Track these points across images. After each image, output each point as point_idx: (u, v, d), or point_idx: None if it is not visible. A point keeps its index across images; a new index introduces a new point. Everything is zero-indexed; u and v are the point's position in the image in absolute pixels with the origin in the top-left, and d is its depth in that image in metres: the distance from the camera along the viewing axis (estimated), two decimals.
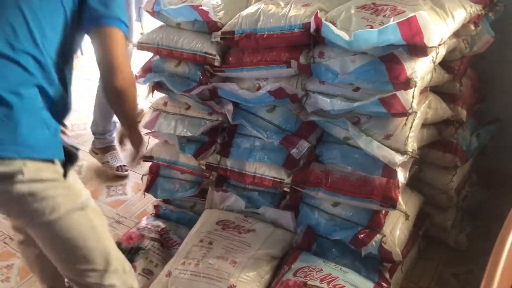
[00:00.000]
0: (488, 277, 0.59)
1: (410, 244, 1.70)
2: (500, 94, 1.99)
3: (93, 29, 1.21)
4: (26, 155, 1.09)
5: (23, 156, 1.08)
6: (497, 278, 0.59)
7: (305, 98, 1.55)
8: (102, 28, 1.20)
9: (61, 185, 1.17)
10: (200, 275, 1.54)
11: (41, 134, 1.13)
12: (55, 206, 1.15)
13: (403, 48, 1.34)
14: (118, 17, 1.22)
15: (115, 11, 1.22)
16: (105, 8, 1.20)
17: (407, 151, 1.43)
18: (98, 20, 1.20)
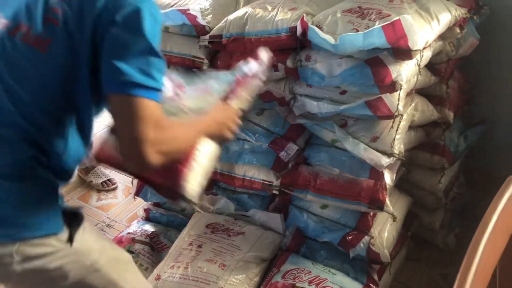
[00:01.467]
0: (461, 277, 0.60)
1: (398, 245, 1.71)
2: (486, 96, 2.01)
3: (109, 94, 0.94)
4: (14, 237, 0.95)
5: (15, 238, 0.95)
6: (470, 279, 0.60)
7: (292, 101, 1.56)
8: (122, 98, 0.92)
9: (66, 253, 1.01)
10: (189, 278, 1.54)
11: (35, 210, 0.97)
12: (62, 274, 1.01)
13: (388, 51, 1.36)
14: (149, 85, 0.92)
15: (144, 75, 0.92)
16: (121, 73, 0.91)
17: (394, 153, 1.45)
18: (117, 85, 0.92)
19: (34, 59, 0.98)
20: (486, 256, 0.68)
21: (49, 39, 0.97)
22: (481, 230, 0.69)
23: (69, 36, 0.97)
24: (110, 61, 0.92)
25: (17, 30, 0.99)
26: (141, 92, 0.91)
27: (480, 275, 0.66)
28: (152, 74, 0.93)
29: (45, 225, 0.98)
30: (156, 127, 0.91)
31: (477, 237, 0.67)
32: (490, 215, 0.73)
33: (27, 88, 0.98)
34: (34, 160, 0.98)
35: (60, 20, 0.97)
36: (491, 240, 0.72)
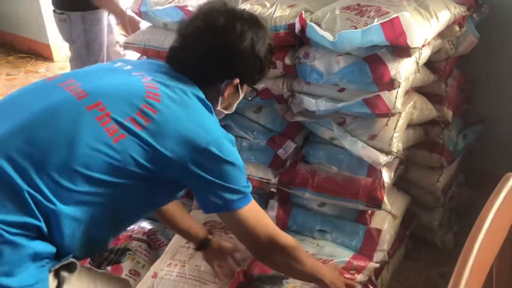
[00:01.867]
0: (456, 276, 0.60)
1: (397, 244, 1.71)
2: (486, 94, 2.00)
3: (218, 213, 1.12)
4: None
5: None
6: (466, 276, 0.60)
7: (291, 98, 1.55)
8: (228, 215, 1.10)
9: None
10: (186, 277, 1.53)
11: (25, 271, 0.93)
12: None
13: (386, 49, 1.35)
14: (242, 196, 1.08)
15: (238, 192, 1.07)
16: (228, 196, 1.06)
17: (392, 151, 1.44)
18: (220, 207, 1.08)
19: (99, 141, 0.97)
20: (482, 252, 0.67)
21: (124, 135, 0.98)
22: (478, 227, 0.68)
23: (142, 146, 0.99)
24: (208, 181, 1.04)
25: (94, 107, 0.99)
26: (240, 205, 1.08)
27: (477, 272, 0.66)
28: (244, 186, 1.09)
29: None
30: (260, 219, 1.13)
31: (474, 234, 0.67)
32: (487, 212, 0.72)
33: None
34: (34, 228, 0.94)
35: (143, 126, 1.00)
36: (488, 237, 0.71)
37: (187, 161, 1.02)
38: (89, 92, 1.01)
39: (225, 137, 1.08)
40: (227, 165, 1.05)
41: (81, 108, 0.98)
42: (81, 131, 0.96)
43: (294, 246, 1.19)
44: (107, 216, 1.02)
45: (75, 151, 0.95)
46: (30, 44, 3.90)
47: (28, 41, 3.90)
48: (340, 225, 1.56)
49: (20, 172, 0.92)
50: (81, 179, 0.95)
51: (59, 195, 0.94)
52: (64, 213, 0.95)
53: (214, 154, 1.03)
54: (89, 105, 0.99)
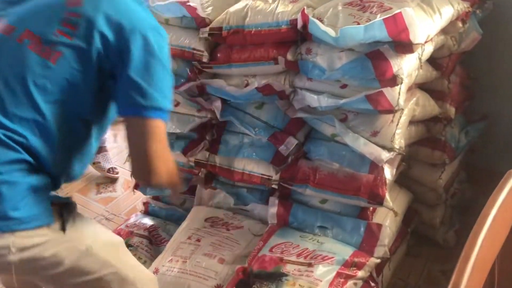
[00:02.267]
0: (458, 272, 0.60)
1: (398, 241, 1.70)
2: (488, 91, 1.99)
3: (125, 116, 1.06)
4: (11, 229, 0.99)
5: (8, 230, 0.98)
6: (468, 273, 0.60)
7: (292, 94, 1.55)
8: (137, 119, 1.04)
9: (60, 240, 1.06)
10: (187, 273, 1.54)
11: (28, 204, 1.01)
12: (58, 261, 1.06)
13: (389, 45, 1.35)
14: (160, 107, 1.04)
15: (157, 98, 1.03)
16: (145, 96, 1.02)
17: (394, 148, 1.44)
18: (133, 108, 1.03)
19: (41, 68, 1.02)
20: (484, 249, 0.67)
21: (60, 52, 1.02)
22: (480, 223, 0.68)
23: (79, 52, 1.03)
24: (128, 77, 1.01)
25: (23, 37, 1.03)
26: (156, 114, 1.03)
27: (479, 269, 0.65)
28: (165, 94, 1.04)
29: (37, 218, 1.02)
30: (164, 145, 1.06)
31: (476, 231, 0.67)
32: (489, 208, 0.72)
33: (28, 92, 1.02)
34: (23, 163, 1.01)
35: (72, 35, 1.03)
36: (490, 234, 0.71)
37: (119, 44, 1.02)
38: (16, 24, 1.05)
39: (157, 28, 1.07)
40: (157, 61, 1.03)
41: (13, 44, 1.03)
42: (24, 67, 1.01)
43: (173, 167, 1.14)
44: (78, 126, 1.09)
45: (27, 88, 1.00)
46: None
47: None
48: (341, 222, 1.56)
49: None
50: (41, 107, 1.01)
51: (30, 129, 1.01)
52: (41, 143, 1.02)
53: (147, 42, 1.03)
54: (19, 37, 1.03)
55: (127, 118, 1.05)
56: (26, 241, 1.00)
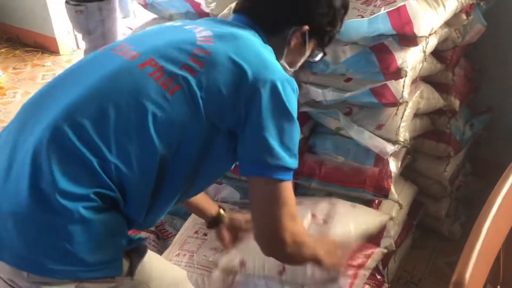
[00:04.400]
0: (463, 261, 0.60)
1: (404, 233, 1.71)
2: (493, 83, 1.99)
3: (249, 176, 0.95)
4: (79, 277, 0.89)
5: (76, 278, 0.89)
6: (472, 263, 0.60)
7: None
8: (264, 180, 0.93)
9: (126, 286, 0.97)
10: (195, 267, 1.54)
11: (101, 248, 0.90)
12: None
13: (393, 38, 1.35)
14: (288, 167, 0.93)
15: (285, 157, 0.92)
16: (273, 154, 0.91)
17: (399, 141, 1.44)
18: (258, 168, 0.93)
19: (160, 97, 0.91)
20: (489, 239, 0.68)
21: (180, 85, 0.93)
22: (485, 213, 0.68)
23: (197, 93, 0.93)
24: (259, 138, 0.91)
25: (146, 64, 0.95)
26: (284, 176, 0.93)
27: (483, 258, 0.66)
28: (295, 155, 0.94)
29: (107, 268, 0.92)
30: (292, 211, 0.95)
31: (480, 221, 0.67)
32: (493, 199, 0.72)
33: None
34: (110, 198, 0.91)
35: (197, 70, 0.94)
36: (495, 223, 0.71)
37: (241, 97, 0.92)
38: (141, 52, 0.97)
39: (288, 80, 0.95)
40: (286, 116, 0.93)
41: (134, 68, 0.94)
42: (138, 91, 0.92)
43: (308, 240, 1.03)
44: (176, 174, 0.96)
45: (145, 117, 0.90)
46: (36, 38, 3.91)
47: (34, 35, 3.91)
48: None
49: (88, 143, 0.88)
50: (147, 142, 0.90)
51: (130, 163, 0.90)
52: (137, 180, 0.90)
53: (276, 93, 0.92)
54: (141, 63, 0.95)
55: (251, 178, 0.96)
56: (89, 286, 0.91)
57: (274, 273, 1.29)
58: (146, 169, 0.91)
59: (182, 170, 0.96)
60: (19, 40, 4.06)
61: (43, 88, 1.01)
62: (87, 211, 0.87)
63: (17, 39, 4.07)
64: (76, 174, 0.87)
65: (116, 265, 0.93)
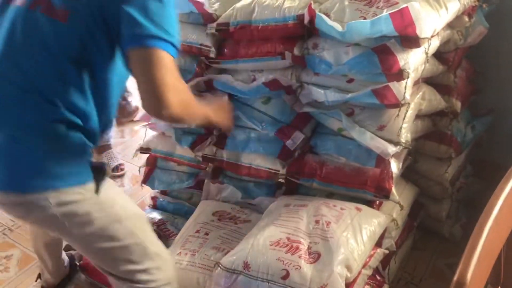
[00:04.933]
0: (465, 262, 0.60)
1: (404, 234, 1.72)
2: (495, 85, 1.99)
3: (129, 50, 1.05)
4: (50, 187, 1.09)
5: (48, 188, 1.09)
6: (473, 264, 0.61)
7: (299, 89, 1.56)
8: (139, 50, 1.03)
9: (93, 201, 1.15)
10: (196, 265, 1.55)
11: (66, 162, 1.11)
12: (89, 220, 1.14)
13: (395, 39, 1.35)
14: (162, 37, 1.02)
15: (158, 30, 1.02)
16: (144, 27, 1.02)
17: (400, 142, 1.45)
18: (133, 40, 1.03)
19: (54, 28, 1.07)
20: (490, 240, 0.68)
21: (68, 10, 1.07)
22: (486, 214, 0.69)
23: (86, 7, 1.07)
24: (127, 15, 1.02)
25: (35, 4, 1.10)
26: (158, 43, 1.01)
27: (484, 259, 0.66)
28: (166, 28, 1.03)
29: (75, 177, 1.12)
30: (174, 75, 1.05)
31: (482, 222, 0.68)
32: (495, 200, 0.73)
33: (48, 55, 1.08)
34: (62, 119, 1.09)
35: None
36: (496, 225, 0.72)
37: None
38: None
39: None
40: None
41: (27, 13, 1.10)
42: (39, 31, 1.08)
43: (192, 100, 1.16)
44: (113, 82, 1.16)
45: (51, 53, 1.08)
46: None
47: None
48: None
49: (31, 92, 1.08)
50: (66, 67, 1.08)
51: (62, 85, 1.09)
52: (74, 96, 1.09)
53: None
54: (31, 4, 1.10)
55: (131, 52, 1.04)
56: (63, 197, 1.10)
57: (277, 278, 1.29)
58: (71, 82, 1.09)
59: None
60: None
61: None
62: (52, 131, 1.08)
63: None
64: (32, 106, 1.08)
65: (85, 174, 1.13)
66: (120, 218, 1.19)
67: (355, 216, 1.43)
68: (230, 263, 1.38)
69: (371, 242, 1.41)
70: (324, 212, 1.44)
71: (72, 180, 1.11)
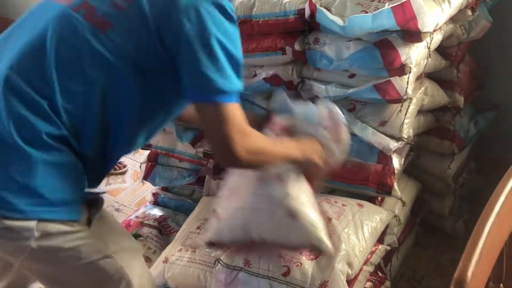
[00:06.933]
0: (466, 258, 0.60)
1: (407, 231, 1.71)
2: (498, 80, 1.98)
3: (194, 103, 1.02)
4: (42, 216, 0.97)
5: (39, 217, 0.96)
6: (475, 260, 0.60)
7: (300, 85, 1.55)
8: (205, 105, 1.00)
9: (83, 235, 1.04)
10: (197, 262, 1.55)
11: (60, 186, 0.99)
12: (76, 255, 1.03)
13: (397, 33, 1.34)
14: (230, 89, 0.98)
15: (223, 81, 0.97)
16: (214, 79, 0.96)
17: (402, 138, 1.44)
18: (201, 94, 0.99)
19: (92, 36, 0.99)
20: (492, 236, 0.67)
21: (111, 22, 1.00)
22: (488, 210, 0.68)
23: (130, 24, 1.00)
24: (194, 59, 0.96)
25: (80, 7, 1.03)
26: (225, 98, 0.98)
27: (486, 255, 0.66)
28: (234, 76, 0.99)
29: (69, 210, 1.00)
30: (240, 126, 1.00)
31: (484, 217, 0.67)
32: (497, 195, 0.72)
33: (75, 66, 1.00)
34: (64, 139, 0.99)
35: (125, 7, 1.00)
36: (498, 222, 0.71)
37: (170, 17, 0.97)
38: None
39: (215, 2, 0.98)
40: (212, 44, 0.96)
41: (69, 13, 1.02)
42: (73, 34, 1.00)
43: (265, 145, 1.09)
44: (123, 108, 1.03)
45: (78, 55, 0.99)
46: None
47: None
48: None
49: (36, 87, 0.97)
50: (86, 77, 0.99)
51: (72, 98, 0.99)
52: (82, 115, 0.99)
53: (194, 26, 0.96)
54: (75, 7, 1.03)
55: (196, 105, 1.02)
56: (51, 228, 0.98)
57: (278, 275, 1.29)
58: (88, 102, 0.99)
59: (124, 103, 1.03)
60: None
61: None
62: (43, 152, 0.96)
63: None
64: (30, 117, 0.96)
65: (76, 209, 1.02)
66: (111, 254, 1.09)
67: (356, 212, 1.42)
68: (230, 259, 1.38)
69: (373, 239, 1.40)
70: (325, 209, 1.43)
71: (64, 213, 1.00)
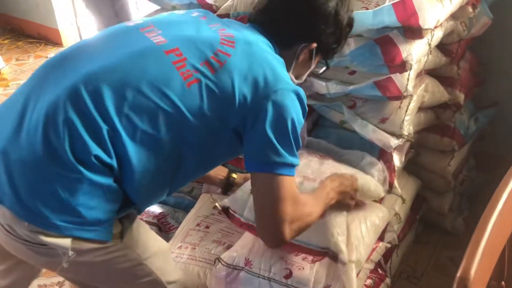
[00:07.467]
0: (469, 257, 0.60)
1: (407, 228, 1.70)
2: (498, 77, 1.97)
3: (253, 172, 1.05)
4: (72, 233, 0.97)
5: (69, 234, 0.97)
6: (477, 258, 0.60)
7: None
8: (265, 175, 1.02)
9: (116, 248, 1.05)
10: (197, 259, 1.54)
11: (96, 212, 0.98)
12: (109, 266, 1.06)
13: (398, 30, 1.33)
14: (291, 163, 1.02)
15: (291, 155, 1.02)
16: (277, 153, 1.00)
17: (403, 135, 1.43)
18: (265, 166, 1.02)
19: (178, 86, 1.00)
20: (494, 235, 0.67)
21: (198, 80, 1.01)
22: (490, 209, 0.68)
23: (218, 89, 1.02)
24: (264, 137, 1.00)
25: (171, 52, 1.03)
26: (284, 171, 1.01)
27: (488, 254, 0.65)
28: (295, 151, 1.03)
29: (102, 230, 1.00)
30: (292, 202, 1.02)
31: (486, 216, 0.66)
32: (499, 194, 0.72)
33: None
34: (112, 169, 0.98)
35: (216, 69, 1.02)
36: (500, 219, 0.71)
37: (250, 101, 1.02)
38: (168, 39, 1.05)
39: (294, 91, 1.04)
40: (288, 123, 1.01)
41: (159, 54, 1.02)
42: (160, 77, 0.99)
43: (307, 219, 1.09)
44: (172, 160, 1.04)
45: (150, 93, 0.98)
46: (39, 29, 3.90)
47: (37, 26, 3.90)
48: None
49: (102, 111, 0.96)
50: (155, 127, 0.99)
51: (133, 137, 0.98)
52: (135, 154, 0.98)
53: (277, 105, 1.01)
54: (166, 50, 1.02)
55: (255, 173, 1.04)
56: (84, 245, 0.99)
57: (279, 277, 1.28)
58: (146, 149, 0.99)
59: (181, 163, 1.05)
60: (22, 31, 4.06)
61: (66, 51, 1.08)
62: (91, 173, 0.95)
63: (20, 31, 4.06)
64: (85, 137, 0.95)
65: (108, 230, 1.01)
66: (143, 260, 1.10)
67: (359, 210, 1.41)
68: (231, 259, 1.37)
69: (375, 236, 1.40)
70: None
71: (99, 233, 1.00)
